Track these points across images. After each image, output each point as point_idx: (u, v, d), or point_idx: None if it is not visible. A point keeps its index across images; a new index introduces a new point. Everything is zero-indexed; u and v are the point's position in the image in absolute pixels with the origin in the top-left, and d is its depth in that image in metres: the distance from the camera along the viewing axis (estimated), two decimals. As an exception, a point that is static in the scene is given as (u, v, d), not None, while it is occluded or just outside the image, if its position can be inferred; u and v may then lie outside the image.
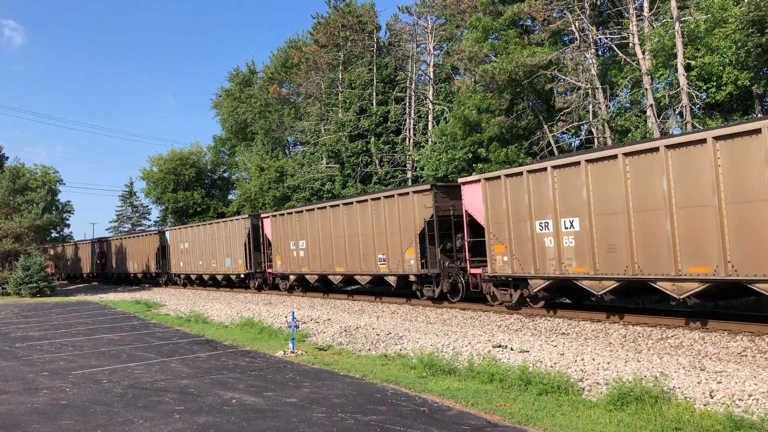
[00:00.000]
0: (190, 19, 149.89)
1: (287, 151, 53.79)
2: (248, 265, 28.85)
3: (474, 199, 16.79)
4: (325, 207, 23.43)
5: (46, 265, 37.02)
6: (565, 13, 25.73)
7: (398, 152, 35.93)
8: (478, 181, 16.46)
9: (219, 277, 31.75)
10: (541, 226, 14.68)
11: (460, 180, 17.59)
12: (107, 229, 74.30)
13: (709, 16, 20.29)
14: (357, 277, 21.82)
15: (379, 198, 20.40)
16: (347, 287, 26.48)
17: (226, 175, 62.53)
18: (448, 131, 29.30)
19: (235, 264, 30.01)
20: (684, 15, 21.15)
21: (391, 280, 20.07)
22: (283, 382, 9.58)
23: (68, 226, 74.08)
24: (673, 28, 20.81)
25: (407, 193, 19.13)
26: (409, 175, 34.81)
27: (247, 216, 29.20)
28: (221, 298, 27.88)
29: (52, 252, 52.45)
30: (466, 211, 17.13)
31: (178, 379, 10.00)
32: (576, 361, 9.46)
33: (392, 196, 19.74)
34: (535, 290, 15.01)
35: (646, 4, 23.51)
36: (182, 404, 8.25)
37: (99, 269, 48.52)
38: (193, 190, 57.03)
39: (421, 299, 19.35)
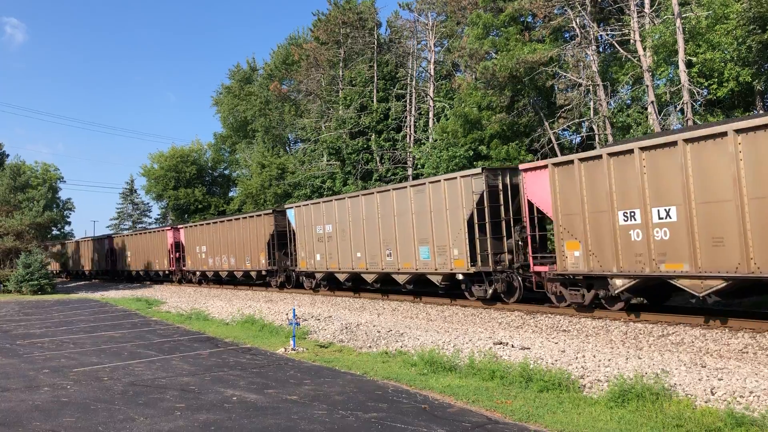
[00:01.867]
0: (191, 16, 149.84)
1: (288, 149, 53.79)
2: (473, 256, 16.74)
3: None
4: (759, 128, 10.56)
5: (46, 263, 37.04)
6: (566, 10, 25.68)
7: (399, 149, 35.91)
8: None
9: (399, 278, 19.79)
10: None
11: None
12: (108, 227, 74.31)
13: (710, 12, 20.25)
14: None
15: None
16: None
17: (226, 172, 62.58)
18: (449, 128, 29.29)
19: (442, 256, 17.71)
20: (685, 11, 21.11)
21: None
22: (284, 379, 9.58)
23: (69, 223, 74.27)
24: (674, 25, 20.77)
25: None
26: (409, 172, 34.80)
27: (478, 172, 16.75)
28: (222, 295, 27.85)
29: (116, 243, 46.29)
30: None
31: (179, 377, 10.00)
32: (577, 358, 9.46)
33: None
34: None
35: (647, 1, 23.47)
36: (183, 402, 8.25)
37: (173, 265, 37.49)
38: (194, 187, 57.06)
39: None
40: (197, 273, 35.08)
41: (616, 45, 24.80)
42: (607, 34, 25.48)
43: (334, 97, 41.63)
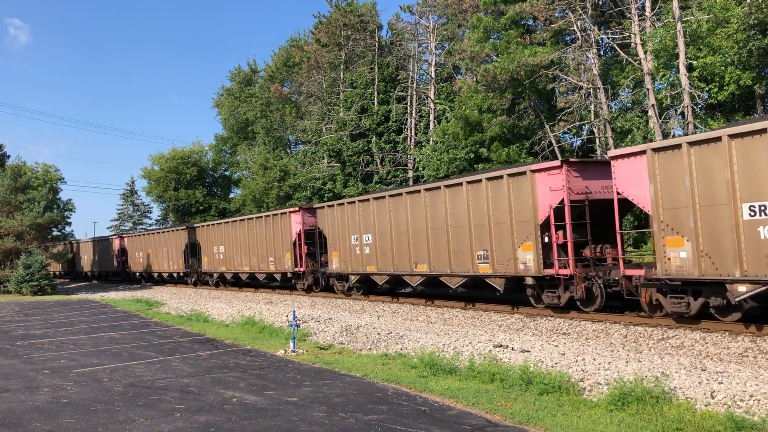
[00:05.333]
0: (193, 17, 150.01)
1: (288, 151, 53.83)
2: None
3: None
4: None
5: (47, 264, 37.04)
6: (566, 13, 25.71)
7: (399, 152, 35.94)
8: None
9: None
10: None
11: None
12: (108, 228, 74.36)
13: (711, 16, 20.27)
14: None
15: None
16: None
17: (227, 173, 62.58)
18: (450, 131, 29.32)
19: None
20: (686, 15, 21.13)
21: None
22: (283, 381, 9.58)
23: (69, 224, 74.15)
24: (675, 28, 20.79)
25: None
26: (410, 174, 34.81)
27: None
28: (222, 296, 27.87)
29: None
30: None
31: (179, 378, 10.00)
32: (577, 361, 9.45)
33: None
34: None
35: (648, 4, 23.49)
36: (183, 403, 8.25)
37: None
38: (194, 188, 57.05)
39: None
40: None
41: (617, 48, 24.84)
42: (608, 38, 25.51)
43: (334, 99, 41.67)
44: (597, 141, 25.30)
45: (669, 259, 11.79)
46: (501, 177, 15.35)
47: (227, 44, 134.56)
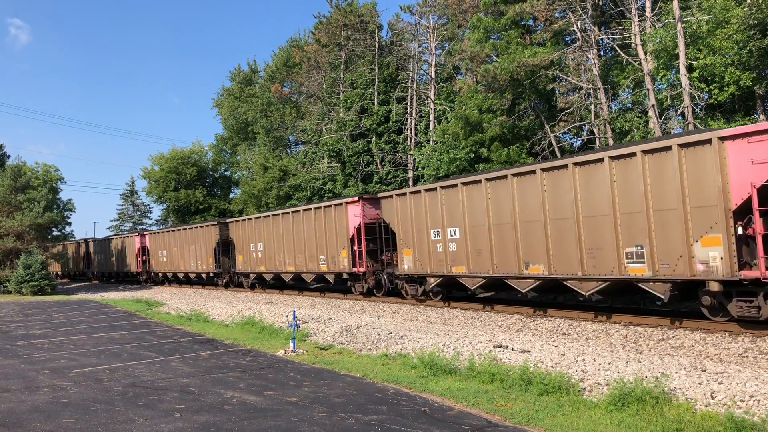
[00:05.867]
0: (193, 17, 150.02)
1: (288, 151, 53.82)
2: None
3: None
4: None
5: (47, 263, 37.04)
6: (566, 14, 25.71)
7: (399, 152, 35.93)
8: None
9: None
10: None
11: None
12: (108, 228, 74.36)
13: (711, 16, 20.27)
14: None
15: None
16: None
17: (227, 173, 62.59)
18: (450, 131, 29.31)
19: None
20: (686, 15, 21.13)
21: None
22: (283, 381, 9.58)
23: (69, 224, 74.11)
24: (675, 29, 20.79)
25: None
26: (410, 174, 34.81)
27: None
28: (222, 297, 27.86)
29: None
30: None
31: (179, 378, 10.00)
32: (577, 361, 9.45)
33: None
34: None
35: (648, 5, 23.50)
36: (183, 403, 8.25)
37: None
38: (194, 188, 57.04)
39: None
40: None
41: (617, 49, 24.84)
42: (608, 38, 25.51)
43: (335, 100, 41.67)
44: (597, 141, 25.29)
45: None
46: (668, 148, 11.90)
47: (227, 44, 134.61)
